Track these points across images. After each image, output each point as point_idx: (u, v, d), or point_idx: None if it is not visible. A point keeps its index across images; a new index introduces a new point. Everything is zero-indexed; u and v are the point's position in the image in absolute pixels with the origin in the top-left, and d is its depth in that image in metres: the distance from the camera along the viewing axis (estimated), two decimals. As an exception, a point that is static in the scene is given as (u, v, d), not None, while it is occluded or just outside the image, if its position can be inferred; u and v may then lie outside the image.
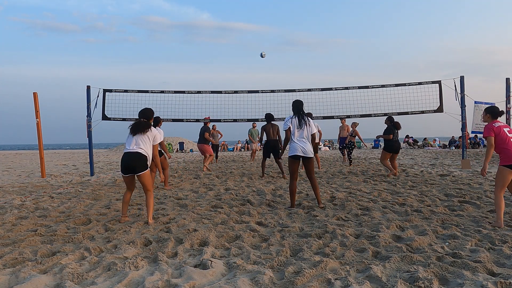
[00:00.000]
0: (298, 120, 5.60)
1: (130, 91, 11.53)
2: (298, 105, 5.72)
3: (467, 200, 5.99)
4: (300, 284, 2.85)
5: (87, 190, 7.89)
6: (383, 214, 5.12)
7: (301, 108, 5.71)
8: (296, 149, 5.54)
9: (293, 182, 5.67)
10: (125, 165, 4.79)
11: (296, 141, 5.56)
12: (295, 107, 5.72)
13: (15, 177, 10.98)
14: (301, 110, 5.70)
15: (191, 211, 5.51)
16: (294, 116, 5.66)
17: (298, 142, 5.55)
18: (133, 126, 4.91)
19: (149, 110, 5.16)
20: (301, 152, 5.53)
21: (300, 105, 5.73)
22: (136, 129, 4.85)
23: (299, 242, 3.90)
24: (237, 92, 11.69)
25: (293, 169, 5.65)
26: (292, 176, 5.68)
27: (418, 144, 27.36)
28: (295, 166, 5.66)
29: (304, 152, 5.54)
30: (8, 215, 5.47)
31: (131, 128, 4.89)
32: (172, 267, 3.25)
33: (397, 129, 9.49)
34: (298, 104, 5.74)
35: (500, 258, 3.29)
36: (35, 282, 2.90)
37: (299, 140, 5.56)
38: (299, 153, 5.53)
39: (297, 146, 5.55)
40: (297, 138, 5.56)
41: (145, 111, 5.13)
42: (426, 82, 11.29)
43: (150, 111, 5.16)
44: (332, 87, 11.49)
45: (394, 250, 3.56)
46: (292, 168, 5.65)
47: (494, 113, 4.76)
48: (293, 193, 5.66)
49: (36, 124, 10.88)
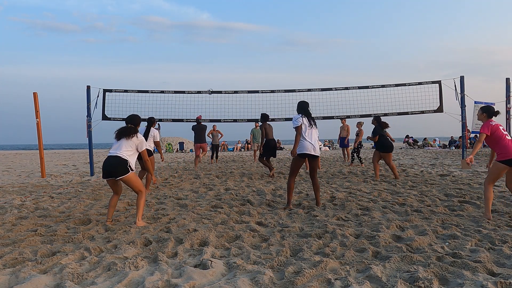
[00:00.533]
0: (308, 119, 5.62)
1: (130, 91, 11.54)
2: (305, 105, 5.74)
3: (467, 200, 5.99)
4: (300, 284, 2.85)
5: (87, 190, 7.89)
6: (383, 214, 5.12)
7: (308, 109, 5.74)
8: (308, 148, 5.54)
9: (292, 179, 5.69)
10: (105, 169, 4.71)
11: (307, 139, 5.55)
12: (302, 108, 5.71)
13: (15, 177, 10.98)
14: (308, 110, 5.73)
15: (191, 211, 5.51)
16: (303, 115, 5.64)
17: (310, 141, 5.56)
18: (118, 131, 4.84)
19: (136, 117, 5.06)
20: (313, 151, 5.55)
21: (307, 105, 5.77)
22: (120, 135, 4.78)
23: (299, 242, 3.90)
24: (237, 92, 11.69)
25: (297, 167, 5.67)
26: (293, 173, 5.69)
27: (418, 144, 27.36)
28: (300, 164, 5.69)
29: (315, 151, 5.58)
30: (8, 215, 5.47)
31: (116, 133, 4.82)
32: (172, 267, 3.25)
33: (384, 128, 9.15)
34: (305, 104, 5.76)
35: (500, 258, 3.29)
36: (35, 282, 2.90)
37: (310, 138, 5.57)
38: (310, 151, 5.53)
39: (308, 145, 5.54)
40: (308, 136, 5.57)
41: (132, 117, 5.04)
42: (426, 82, 11.30)
43: (137, 117, 5.06)
44: (332, 87, 11.49)
45: (394, 250, 3.56)
46: (297, 165, 5.67)
47: (490, 112, 4.90)
48: (291, 189, 5.68)
49: (36, 124, 10.88)
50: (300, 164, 5.68)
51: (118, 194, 4.94)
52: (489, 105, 4.98)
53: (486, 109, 4.93)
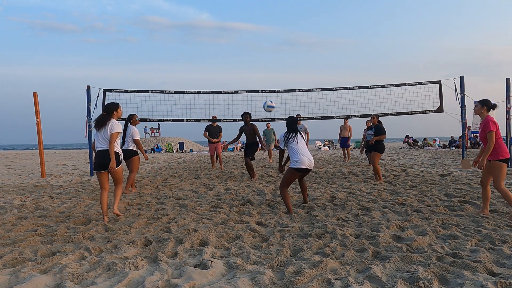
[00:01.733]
0: (295, 135, 5.51)
1: (130, 91, 11.54)
2: (293, 123, 5.62)
3: (467, 200, 5.99)
4: (300, 284, 2.85)
5: (87, 190, 7.89)
6: (383, 214, 5.12)
7: (296, 127, 5.64)
8: (304, 162, 5.37)
9: (285, 190, 5.47)
10: (98, 162, 4.97)
11: (302, 153, 5.40)
12: (290, 126, 5.60)
13: (15, 177, 10.98)
14: (296, 128, 5.62)
15: (191, 211, 5.51)
16: (292, 134, 5.52)
17: (305, 155, 5.41)
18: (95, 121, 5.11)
19: (110, 104, 5.23)
20: (308, 165, 5.40)
21: (295, 123, 5.66)
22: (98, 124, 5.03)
23: (299, 242, 3.90)
24: (237, 92, 11.69)
25: (291, 180, 5.48)
26: (286, 185, 5.47)
27: (418, 144, 27.35)
28: (295, 178, 5.50)
29: (310, 165, 5.43)
30: (8, 215, 5.47)
31: (95, 124, 5.08)
32: (172, 267, 3.25)
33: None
34: (293, 123, 5.63)
35: (500, 258, 3.29)
36: (35, 282, 2.90)
37: (304, 152, 5.42)
38: (306, 166, 5.39)
39: (304, 159, 5.38)
40: (301, 150, 5.42)
41: (107, 104, 5.27)
42: (426, 82, 11.30)
43: (112, 105, 5.22)
44: (332, 87, 11.49)
45: (394, 250, 3.56)
46: (292, 179, 5.47)
47: (489, 106, 4.79)
48: (287, 198, 5.45)
49: (36, 124, 10.88)
50: (295, 177, 5.49)
51: (107, 190, 5.10)
52: (487, 99, 4.84)
53: (485, 102, 4.78)
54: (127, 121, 7.51)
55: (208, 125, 11.80)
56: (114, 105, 5.20)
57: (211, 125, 11.77)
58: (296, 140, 5.49)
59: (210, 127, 11.78)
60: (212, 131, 11.78)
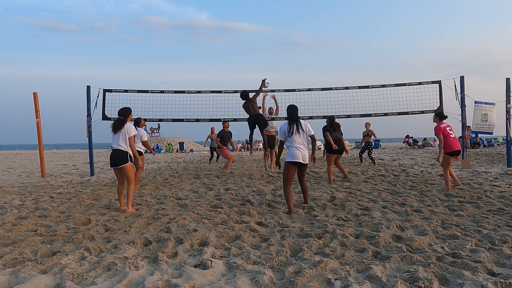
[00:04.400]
0: (296, 126, 5.48)
1: (130, 91, 11.52)
2: (293, 112, 5.59)
3: (467, 200, 5.99)
4: (300, 284, 2.85)
5: (87, 190, 7.89)
6: (383, 214, 5.12)
7: (297, 115, 5.61)
8: (297, 156, 5.38)
9: (288, 187, 5.49)
10: (111, 160, 5.70)
11: (296, 147, 5.40)
12: (290, 114, 5.58)
13: (15, 177, 10.98)
14: (296, 117, 5.59)
15: (191, 211, 5.51)
16: (291, 123, 5.51)
17: (299, 149, 5.40)
18: (113, 124, 5.72)
19: (125, 109, 5.88)
20: (301, 159, 5.40)
21: (296, 112, 5.62)
22: (116, 127, 5.66)
23: (299, 242, 3.90)
24: (237, 91, 11.67)
25: (290, 176, 5.49)
26: (287, 181, 5.49)
27: (418, 144, 27.36)
28: (293, 172, 5.50)
29: (304, 159, 5.42)
30: (8, 215, 5.47)
31: (112, 127, 5.71)
32: (172, 267, 3.25)
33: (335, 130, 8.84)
34: (294, 111, 5.60)
35: (500, 258, 3.29)
36: (35, 282, 2.90)
37: (298, 146, 5.41)
38: (300, 160, 5.38)
39: (298, 153, 5.38)
40: (297, 143, 5.41)
41: (122, 109, 5.87)
42: (426, 82, 11.28)
43: (126, 109, 5.90)
44: (332, 87, 11.48)
45: (394, 250, 3.56)
46: (289, 174, 5.48)
47: (441, 116, 7.10)
48: (290, 197, 5.47)
49: (36, 124, 10.88)
50: (292, 172, 5.49)
51: (123, 183, 5.81)
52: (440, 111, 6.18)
53: (437, 113, 7.18)
54: (134, 124, 7.98)
55: (221, 131, 11.84)
56: (128, 109, 5.93)
57: (223, 130, 11.82)
58: (293, 131, 5.44)
59: (223, 132, 11.81)
60: (225, 136, 11.85)
